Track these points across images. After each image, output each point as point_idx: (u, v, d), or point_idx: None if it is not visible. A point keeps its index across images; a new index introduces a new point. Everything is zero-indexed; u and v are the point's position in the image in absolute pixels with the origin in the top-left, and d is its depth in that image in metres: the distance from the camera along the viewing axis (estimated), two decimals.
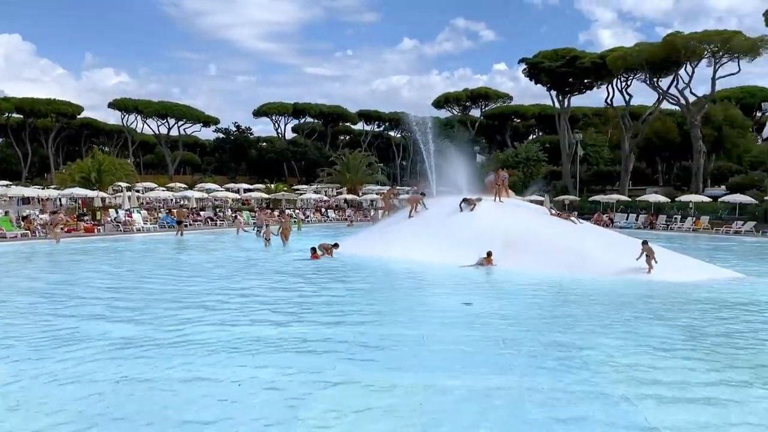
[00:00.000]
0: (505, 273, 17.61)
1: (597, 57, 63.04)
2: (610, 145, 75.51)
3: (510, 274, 17.48)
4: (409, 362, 8.53)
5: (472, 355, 8.90)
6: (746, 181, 55.35)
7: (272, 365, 8.31)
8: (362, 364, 8.42)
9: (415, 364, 8.45)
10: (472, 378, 7.77)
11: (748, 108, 69.41)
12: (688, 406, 6.90)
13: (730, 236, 38.04)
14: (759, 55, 52.51)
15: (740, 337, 10.35)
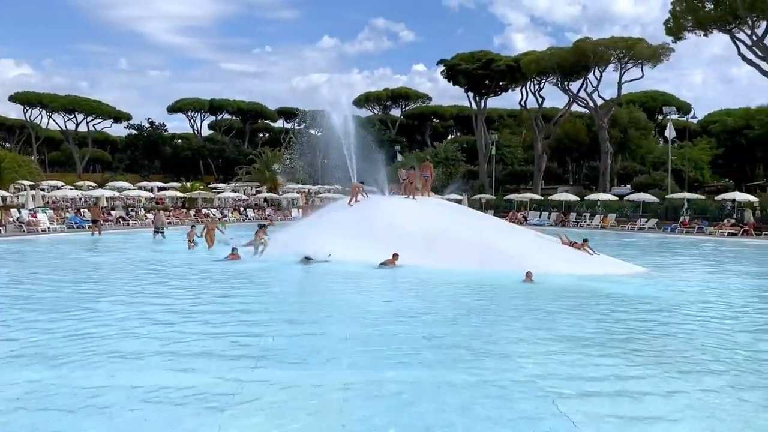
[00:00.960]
0: (426, 270, 17.82)
1: (511, 60, 65.04)
2: (524, 146, 78.16)
3: (431, 271, 17.71)
4: (330, 360, 8.47)
5: (391, 352, 8.94)
6: (649, 180, 58.70)
7: (185, 369, 8.02)
8: (281, 365, 8.27)
9: (336, 362, 8.40)
10: (391, 374, 7.79)
11: (650, 111, 73.61)
12: (598, 395, 7.19)
13: (634, 233, 40.20)
14: (660, 62, 55.89)
15: (645, 329, 10.91)
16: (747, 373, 8.07)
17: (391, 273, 17.56)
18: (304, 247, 19.95)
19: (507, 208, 52.88)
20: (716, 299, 14.35)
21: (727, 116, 72.04)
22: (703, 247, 29.93)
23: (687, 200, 43.19)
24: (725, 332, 10.60)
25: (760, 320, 11.94)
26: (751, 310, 13.11)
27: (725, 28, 46.51)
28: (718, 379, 7.81)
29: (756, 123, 60.53)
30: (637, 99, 73.92)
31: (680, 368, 8.27)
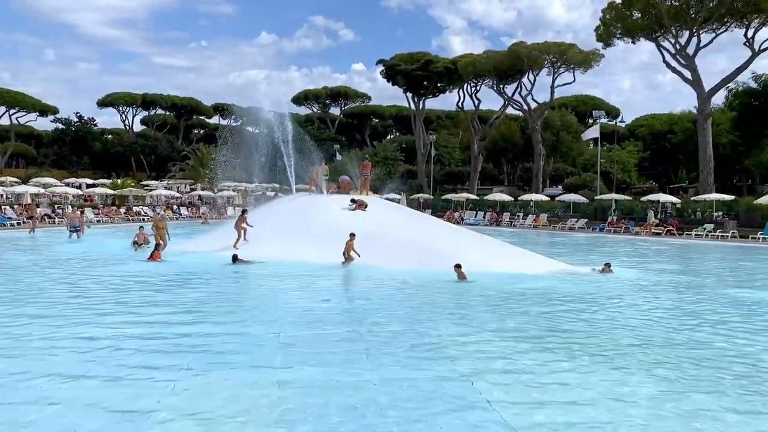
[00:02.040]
0: (365, 268, 17.85)
1: (449, 62, 66.01)
2: (461, 147, 79.47)
3: (370, 269, 17.75)
4: (265, 360, 8.37)
5: (327, 351, 8.91)
6: (579, 182, 60.76)
7: (109, 375, 7.76)
8: (215, 365, 8.11)
9: (272, 361, 8.31)
10: (327, 372, 7.77)
11: (581, 115, 76.21)
12: (523, 385, 7.39)
13: (565, 232, 41.53)
14: (591, 67, 57.96)
15: (572, 324, 11.29)
16: (666, 363, 8.47)
17: (330, 272, 17.50)
18: (248, 245, 19.65)
19: (444, 208, 53.65)
20: (638, 294, 14.99)
21: (654, 120, 75.37)
22: (628, 245, 31.21)
23: (615, 201, 44.95)
24: (645, 324, 11.09)
25: (677, 313, 12.54)
26: (669, 303, 13.75)
27: (651, 36, 48.71)
28: (639, 368, 8.16)
29: (678, 128, 63.55)
30: (568, 103, 76.40)
31: (599, 357, 8.59)
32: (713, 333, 10.68)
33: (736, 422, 6.39)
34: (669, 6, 45.60)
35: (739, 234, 34.95)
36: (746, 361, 8.79)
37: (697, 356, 8.96)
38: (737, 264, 24.09)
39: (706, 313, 12.66)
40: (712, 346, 9.63)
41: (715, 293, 15.64)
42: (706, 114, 46.94)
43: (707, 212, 38.90)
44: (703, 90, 46.71)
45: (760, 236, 33.25)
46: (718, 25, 46.38)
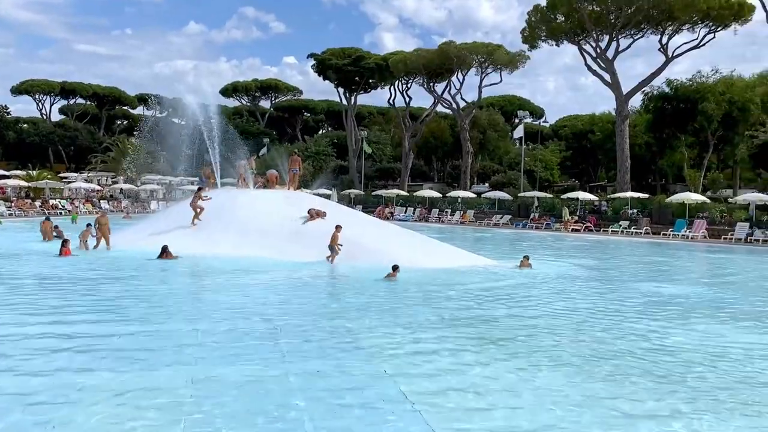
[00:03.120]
0: (288, 264, 17.76)
1: (380, 59, 66.32)
2: (393, 144, 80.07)
3: (297, 264, 17.68)
4: (182, 357, 8.24)
5: (244, 348, 8.86)
6: (505, 179, 62.44)
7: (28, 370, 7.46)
8: (124, 363, 7.93)
9: (188, 358, 8.19)
10: (246, 368, 7.74)
11: (508, 114, 78.24)
12: (441, 375, 7.61)
13: (490, 228, 42.62)
14: (517, 68, 59.57)
15: (492, 317, 11.66)
16: (578, 355, 8.89)
17: (254, 268, 17.32)
18: (171, 241, 19.14)
19: (375, 204, 53.94)
20: (553, 287, 15.60)
21: (576, 121, 78.38)
22: (549, 241, 32.38)
23: (537, 198, 46.49)
24: (560, 316, 11.60)
25: (590, 306, 13.16)
26: (583, 296, 14.40)
27: (574, 39, 50.54)
28: (550, 359, 8.54)
29: (598, 129, 66.37)
30: (496, 102, 78.27)
31: (513, 350, 8.94)
32: (624, 324, 11.25)
33: (638, 408, 6.79)
34: (590, 11, 47.45)
35: (651, 230, 36.85)
36: (655, 349, 9.33)
37: (608, 348, 9.43)
38: (649, 259, 25.45)
39: (619, 306, 13.32)
40: (624, 338, 10.15)
41: (627, 286, 16.47)
42: (624, 116, 49.19)
43: (623, 209, 40.79)
44: (621, 93, 48.91)
45: (671, 233, 35.20)
46: (636, 31, 48.68)
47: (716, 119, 49.59)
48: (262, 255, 18.45)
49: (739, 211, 36.61)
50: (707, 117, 49.31)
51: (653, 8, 45.62)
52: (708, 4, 44.64)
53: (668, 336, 10.24)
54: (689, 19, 46.14)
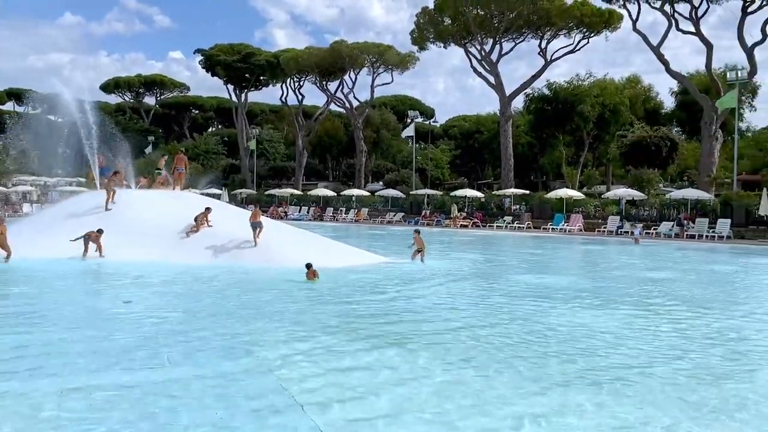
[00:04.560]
0: (175, 266, 17.17)
1: (272, 56, 65.51)
2: (286, 142, 79.33)
3: (182, 266, 17.11)
4: (52, 368, 7.77)
5: (124, 354, 8.50)
6: (398, 178, 63.62)
7: None
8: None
9: (59, 369, 7.74)
10: (123, 376, 7.43)
11: (400, 114, 79.76)
12: (332, 374, 7.68)
13: (384, 225, 43.31)
14: (408, 68, 60.96)
15: (385, 312, 11.87)
16: (461, 346, 9.26)
17: (133, 271, 16.58)
18: (42, 245, 17.86)
19: (269, 203, 53.21)
20: (446, 281, 16.13)
21: (464, 121, 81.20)
22: (439, 237, 33.39)
23: (427, 196, 47.80)
24: (454, 309, 12.02)
25: (476, 298, 13.74)
26: (471, 287, 15.02)
27: (461, 42, 52.36)
28: (436, 352, 8.84)
29: (485, 129, 69.19)
30: (388, 102, 79.57)
31: (399, 344, 9.18)
32: (507, 314, 11.83)
33: (505, 397, 7.19)
34: (475, 15, 49.37)
35: (533, 225, 38.94)
36: (538, 336, 9.89)
37: (493, 338, 9.89)
38: (530, 252, 26.89)
39: (500, 297, 13.99)
40: (506, 328, 10.65)
41: (509, 278, 17.32)
42: (507, 117, 51.60)
43: (507, 206, 42.83)
44: (505, 94, 51.27)
45: (550, 227, 37.37)
46: (517, 35, 51.23)
47: (591, 120, 53.17)
48: (148, 258, 17.71)
49: (611, 206, 39.51)
50: (583, 118, 52.78)
51: (533, 14, 48.18)
52: (581, 12, 47.83)
53: (547, 322, 10.89)
54: (565, 25, 49.20)
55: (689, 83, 47.13)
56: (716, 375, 7.86)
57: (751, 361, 8.81)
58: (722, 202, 35.19)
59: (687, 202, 36.12)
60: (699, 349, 9.26)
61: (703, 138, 43.82)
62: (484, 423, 6.11)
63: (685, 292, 15.40)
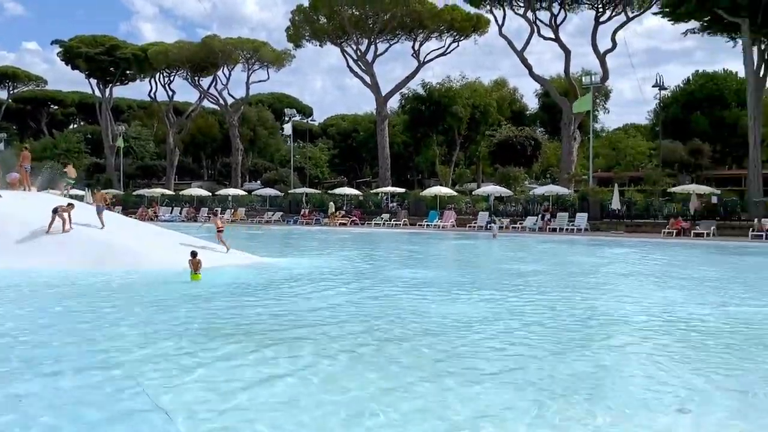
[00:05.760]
0: (25, 272, 15.78)
1: (139, 49, 62.30)
2: (156, 140, 75.76)
3: (32, 273, 15.76)
4: None
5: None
6: (276, 176, 62.75)
7: None
8: None
9: None
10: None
11: (278, 112, 78.73)
12: (195, 383, 7.37)
13: (262, 225, 42.55)
14: (284, 66, 60.27)
15: (260, 314, 11.58)
16: (338, 342, 9.25)
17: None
18: None
19: (137, 204, 50.57)
20: (323, 280, 16.09)
21: (342, 120, 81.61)
22: (318, 235, 33.31)
23: (306, 194, 47.58)
24: (331, 307, 11.99)
25: (356, 295, 13.82)
26: (349, 284, 15.08)
27: (337, 41, 52.53)
28: (310, 351, 8.76)
29: (362, 128, 69.99)
30: (265, 99, 78.27)
31: (271, 344, 9.02)
32: (388, 311, 11.97)
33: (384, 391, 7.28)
34: (350, 15, 49.74)
35: (409, 222, 39.91)
36: (415, 328, 10.07)
37: (371, 334, 9.94)
38: (405, 248, 27.53)
39: (379, 293, 14.16)
40: (389, 321, 10.77)
41: (387, 275, 17.58)
42: (383, 116, 52.52)
43: (384, 203, 43.62)
44: (381, 94, 52.12)
45: (425, 223, 38.47)
46: (392, 36, 52.25)
47: (463, 120, 55.37)
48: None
49: (481, 202, 41.38)
50: (456, 118, 54.81)
51: (406, 16, 49.35)
52: (452, 16, 49.68)
53: (424, 314, 11.16)
54: (437, 28, 50.90)
55: (550, 86, 50.41)
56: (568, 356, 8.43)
57: (606, 333, 9.52)
58: (580, 198, 37.93)
59: (549, 197, 38.59)
60: (555, 332, 9.89)
61: (563, 138, 47.05)
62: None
63: (546, 279, 16.43)
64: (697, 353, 8.66)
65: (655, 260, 22.25)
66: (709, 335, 9.76)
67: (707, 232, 30.60)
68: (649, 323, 10.72)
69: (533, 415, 6.13)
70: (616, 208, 35.48)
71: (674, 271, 19.19)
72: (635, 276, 18.00)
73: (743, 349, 8.84)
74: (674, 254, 24.10)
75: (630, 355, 8.62)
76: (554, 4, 43.71)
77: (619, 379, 7.47)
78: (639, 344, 9.20)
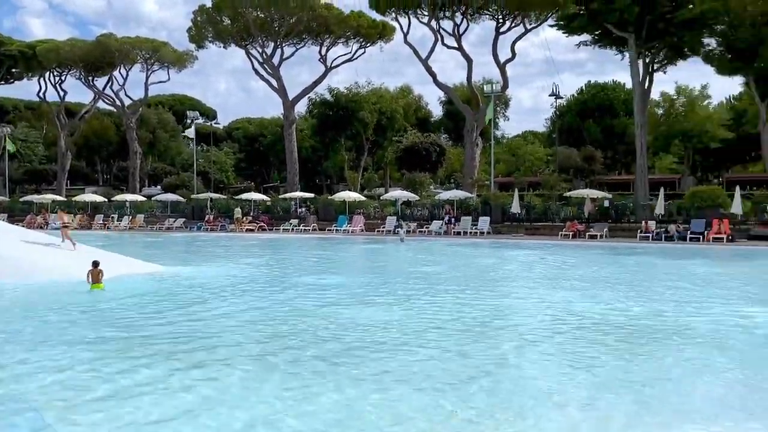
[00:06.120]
0: None
1: (26, 46, 58.39)
2: (46, 142, 71.25)
3: None
4: None
5: None
6: (178, 181, 60.55)
7: None
8: None
9: None
10: None
11: (179, 114, 76.06)
12: (97, 397, 6.94)
13: (163, 232, 40.88)
14: (186, 67, 58.33)
15: (160, 325, 11.05)
16: (247, 355, 8.97)
17: None
18: None
19: (25, 211, 47.31)
20: (228, 287, 15.62)
21: (249, 124, 79.97)
22: (224, 242, 32.41)
23: (210, 200, 46.23)
24: (236, 314, 11.62)
25: (264, 302, 13.50)
26: (255, 292, 14.72)
27: (242, 43, 51.44)
28: (235, 359, 8.45)
29: (269, 132, 68.98)
30: (166, 101, 75.46)
31: (194, 355, 8.64)
32: (297, 318, 11.75)
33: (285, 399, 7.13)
34: (255, 17, 48.88)
35: (318, 227, 39.65)
36: (321, 335, 9.93)
37: (276, 341, 9.72)
38: (315, 253, 27.31)
39: (288, 300, 13.91)
40: (294, 326, 10.57)
41: (296, 281, 17.32)
42: (291, 120, 51.96)
43: (292, 208, 43.11)
44: (288, 98, 51.56)
45: (334, 228, 38.35)
46: (298, 40, 51.80)
47: (370, 126, 55.78)
48: None
49: (389, 207, 41.80)
50: (363, 123, 55.14)
51: (312, 21, 49.13)
52: (358, 23, 49.95)
53: (335, 320, 11.05)
54: (343, 33, 50.97)
55: (453, 94, 51.74)
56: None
57: (509, 331, 9.82)
58: (483, 202, 39.13)
59: (454, 202, 39.54)
60: (460, 332, 10.11)
61: (466, 144, 48.40)
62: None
63: (450, 281, 16.78)
64: (593, 349, 9.10)
65: (554, 261, 23.30)
66: (603, 330, 10.30)
67: (600, 233, 32.41)
68: (548, 321, 11.19)
69: (441, 417, 6.21)
70: (516, 212, 36.87)
71: (570, 271, 20.18)
72: (535, 276, 18.78)
73: (637, 344, 9.39)
74: (570, 255, 25.34)
75: (531, 352, 8.94)
76: (457, 13, 44.87)
77: (519, 377, 7.71)
78: (540, 342, 9.57)
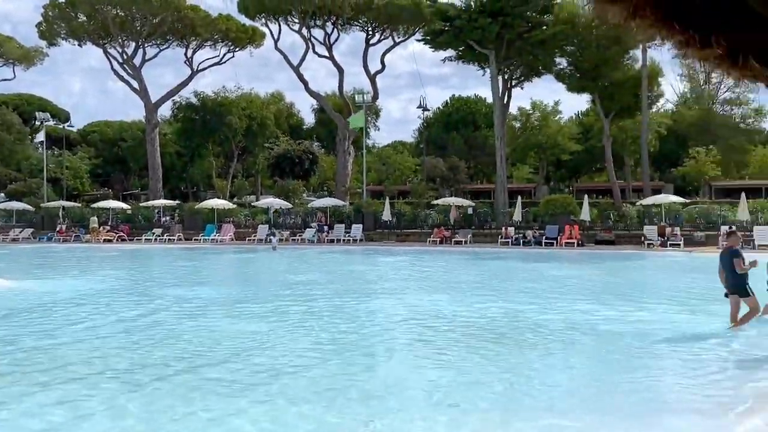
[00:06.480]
0: None
1: None
2: None
3: None
4: None
5: None
6: (25, 188, 55.41)
7: None
8: None
9: None
10: None
11: (26, 115, 69.65)
12: None
13: (8, 244, 37.34)
14: (34, 64, 53.80)
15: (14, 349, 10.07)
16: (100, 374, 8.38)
17: None
18: None
19: None
20: (84, 303, 14.55)
21: (107, 127, 74.99)
22: (77, 253, 30.14)
23: (63, 208, 42.89)
24: (93, 333, 10.82)
25: (129, 318, 12.69)
26: (120, 307, 13.81)
27: (99, 42, 48.28)
28: (100, 380, 7.83)
29: (129, 136, 65.23)
30: (10, 101, 68.82)
31: (53, 378, 7.92)
32: (162, 334, 11.15)
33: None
34: (114, 15, 46.10)
35: (184, 236, 38.03)
36: (193, 350, 9.48)
37: (140, 361, 9.18)
38: (180, 264, 26.17)
39: (149, 315, 13.18)
40: (163, 344, 10.03)
41: (158, 293, 16.47)
42: (153, 124, 49.49)
43: (155, 217, 41.06)
44: (150, 101, 49.07)
45: (202, 237, 36.97)
46: (162, 41, 49.55)
47: (240, 131, 54.50)
48: None
49: (260, 215, 41.04)
50: (231, 129, 53.76)
51: (177, 22, 47.20)
52: (227, 26, 48.75)
53: (205, 334, 10.64)
54: (211, 37, 49.51)
55: (325, 102, 51.93)
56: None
57: (381, 335, 9.98)
58: (355, 210, 39.57)
59: (327, 210, 39.62)
60: (335, 339, 10.15)
61: (338, 153, 48.73)
62: None
63: (325, 288, 16.80)
64: (464, 348, 9.51)
65: (422, 266, 24.08)
66: (470, 330, 10.80)
67: (465, 239, 33.92)
68: (419, 322, 11.55)
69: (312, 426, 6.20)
70: (387, 219, 37.66)
71: (438, 275, 21.00)
72: (405, 280, 19.32)
73: (500, 342, 9.93)
74: (437, 260, 26.32)
75: (402, 354, 9.18)
76: (328, 23, 45.15)
77: (393, 379, 7.89)
78: (412, 344, 9.85)
